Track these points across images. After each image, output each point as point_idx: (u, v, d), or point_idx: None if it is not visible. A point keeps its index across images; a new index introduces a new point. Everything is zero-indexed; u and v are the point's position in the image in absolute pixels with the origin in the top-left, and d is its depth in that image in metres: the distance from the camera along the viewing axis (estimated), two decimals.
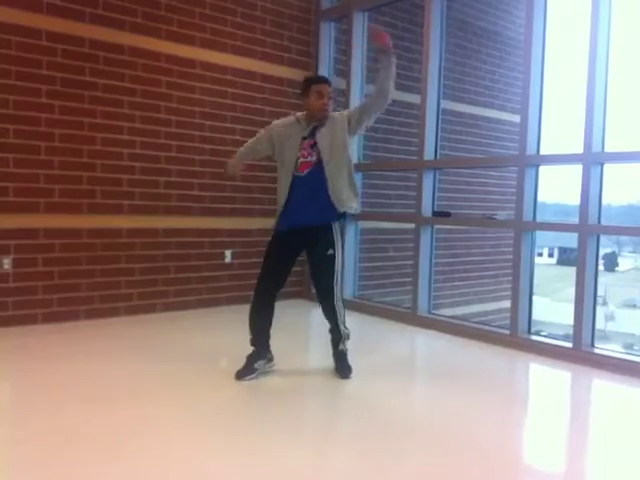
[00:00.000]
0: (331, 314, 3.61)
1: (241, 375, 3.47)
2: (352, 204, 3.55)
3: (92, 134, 4.88)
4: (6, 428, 2.81)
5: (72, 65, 4.76)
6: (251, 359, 3.54)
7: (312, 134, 3.49)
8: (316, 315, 3.71)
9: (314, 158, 3.45)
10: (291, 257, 3.62)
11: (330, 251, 3.49)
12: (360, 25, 5.86)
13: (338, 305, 3.58)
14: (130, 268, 5.15)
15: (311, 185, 3.44)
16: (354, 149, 5.91)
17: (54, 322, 4.72)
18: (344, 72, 5.97)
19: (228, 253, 5.73)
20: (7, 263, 4.54)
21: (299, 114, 3.59)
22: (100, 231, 4.97)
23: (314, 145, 3.46)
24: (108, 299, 5.02)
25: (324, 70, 6.20)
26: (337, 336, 3.66)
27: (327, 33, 6.22)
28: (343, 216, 3.58)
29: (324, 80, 3.60)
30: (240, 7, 5.67)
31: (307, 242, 3.56)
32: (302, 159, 3.46)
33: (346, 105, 5.88)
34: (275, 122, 3.69)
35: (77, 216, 4.85)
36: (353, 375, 3.59)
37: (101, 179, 4.95)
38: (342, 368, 3.62)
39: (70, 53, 4.74)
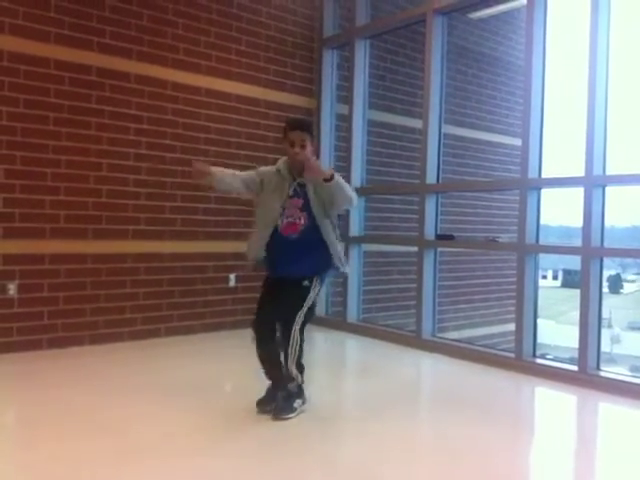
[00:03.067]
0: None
1: (262, 404, 3.33)
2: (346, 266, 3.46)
3: (98, 160, 4.94)
4: (13, 452, 2.80)
5: (79, 93, 4.83)
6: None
7: (298, 191, 3.29)
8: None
9: (304, 222, 3.27)
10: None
11: (306, 282, 3.32)
12: (362, 53, 5.96)
13: (295, 338, 3.29)
14: (135, 293, 5.16)
15: (304, 247, 3.29)
16: (357, 172, 5.98)
17: (59, 347, 4.72)
18: (346, 98, 6.05)
19: (232, 277, 5.75)
20: (12, 288, 4.56)
21: (280, 163, 3.36)
22: (105, 256, 5.00)
23: (304, 206, 3.27)
24: (113, 324, 5.03)
25: (326, 96, 6.29)
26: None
27: (330, 60, 6.31)
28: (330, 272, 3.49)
29: (297, 127, 3.31)
30: (245, 35, 5.77)
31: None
32: (289, 219, 3.28)
33: (349, 131, 5.96)
34: (262, 169, 3.42)
35: (82, 242, 4.88)
36: (356, 401, 3.53)
37: (107, 205, 5.00)
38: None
39: (77, 81, 4.82)
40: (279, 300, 3.34)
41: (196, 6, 5.45)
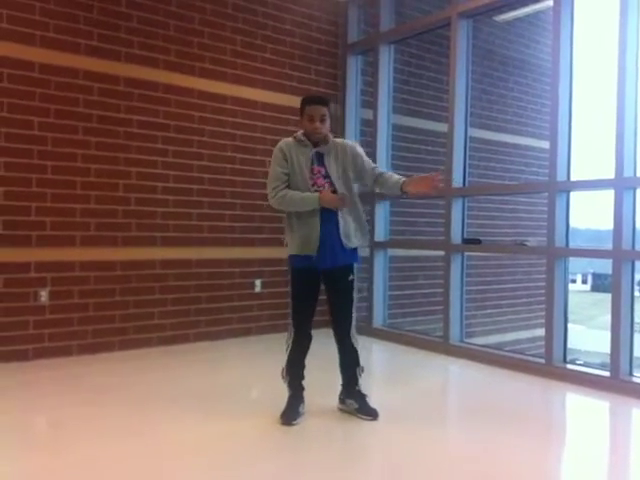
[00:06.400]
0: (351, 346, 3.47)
1: (289, 419, 3.26)
2: (361, 243, 3.36)
3: (127, 169, 5.02)
4: (43, 457, 2.85)
5: (108, 103, 4.92)
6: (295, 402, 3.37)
7: (320, 160, 3.27)
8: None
9: (327, 189, 3.24)
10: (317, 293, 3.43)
11: (350, 276, 3.34)
12: (386, 58, 5.95)
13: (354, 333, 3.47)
14: (163, 299, 5.22)
15: (328, 221, 3.22)
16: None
17: (89, 354, 4.79)
18: (371, 104, 6.05)
19: (258, 282, 5.78)
20: (44, 295, 4.65)
21: (299, 135, 3.31)
22: (134, 263, 5.07)
23: (327, 175, 3.25)
24: (142, 330, 5.09)
25: (351, 102, 6.30)
26: (355, 373, 3.47)
27: (354, 66, 6.32)
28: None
29: (315, 101, 3.29)
30: (269, 44, 5.82)
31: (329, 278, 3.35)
32: (317, 188, 3.23)
33: (374, 136, 5.95)
34: (281, 145, 3.31)
35: (112, 249, 4.96)
36: (385, 408, 3.49)
37: (136, 212, 5.07)
38: (369, 408, 3.40)
39: (106, 91, 4.91)
40: (334, 304, 3.40)
41: (222, 15, 5.52)
